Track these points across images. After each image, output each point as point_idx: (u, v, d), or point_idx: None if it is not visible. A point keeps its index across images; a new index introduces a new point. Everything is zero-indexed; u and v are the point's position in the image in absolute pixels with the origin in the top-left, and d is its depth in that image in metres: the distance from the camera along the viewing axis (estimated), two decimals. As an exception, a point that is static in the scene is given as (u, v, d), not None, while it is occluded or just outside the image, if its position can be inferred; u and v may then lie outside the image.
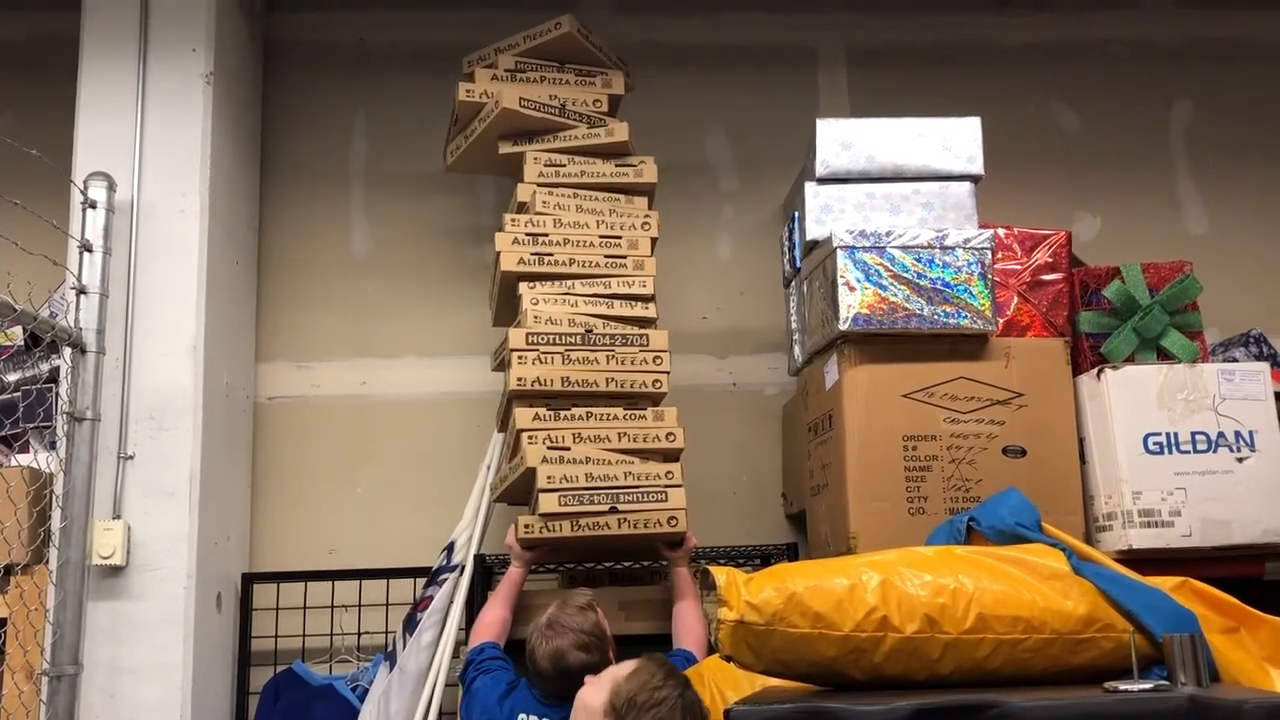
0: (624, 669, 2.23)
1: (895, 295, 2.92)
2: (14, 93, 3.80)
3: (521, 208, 3.25)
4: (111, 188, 3.12)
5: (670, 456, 3.03)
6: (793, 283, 3.44)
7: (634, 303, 3.17)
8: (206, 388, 3.18)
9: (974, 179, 3.14)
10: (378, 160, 3.87)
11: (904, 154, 3.11)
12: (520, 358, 3.02)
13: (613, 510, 2.89)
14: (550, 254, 3.17)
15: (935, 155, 3.12)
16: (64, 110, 3.30)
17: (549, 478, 2.89)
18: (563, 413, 3.00)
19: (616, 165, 3.32)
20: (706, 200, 3.92)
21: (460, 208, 3.85)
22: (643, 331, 3.12)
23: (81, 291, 3.05)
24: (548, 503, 2.87)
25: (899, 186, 3.12)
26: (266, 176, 3.82)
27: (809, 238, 3.14)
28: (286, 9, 3.92)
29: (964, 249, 2.96)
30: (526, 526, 2.89)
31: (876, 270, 2.93)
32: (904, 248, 2.95)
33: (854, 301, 2.91)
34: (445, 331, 3.74)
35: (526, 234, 3.18)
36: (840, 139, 3.13)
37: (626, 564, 3.23)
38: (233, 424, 3.43)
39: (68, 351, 3.00)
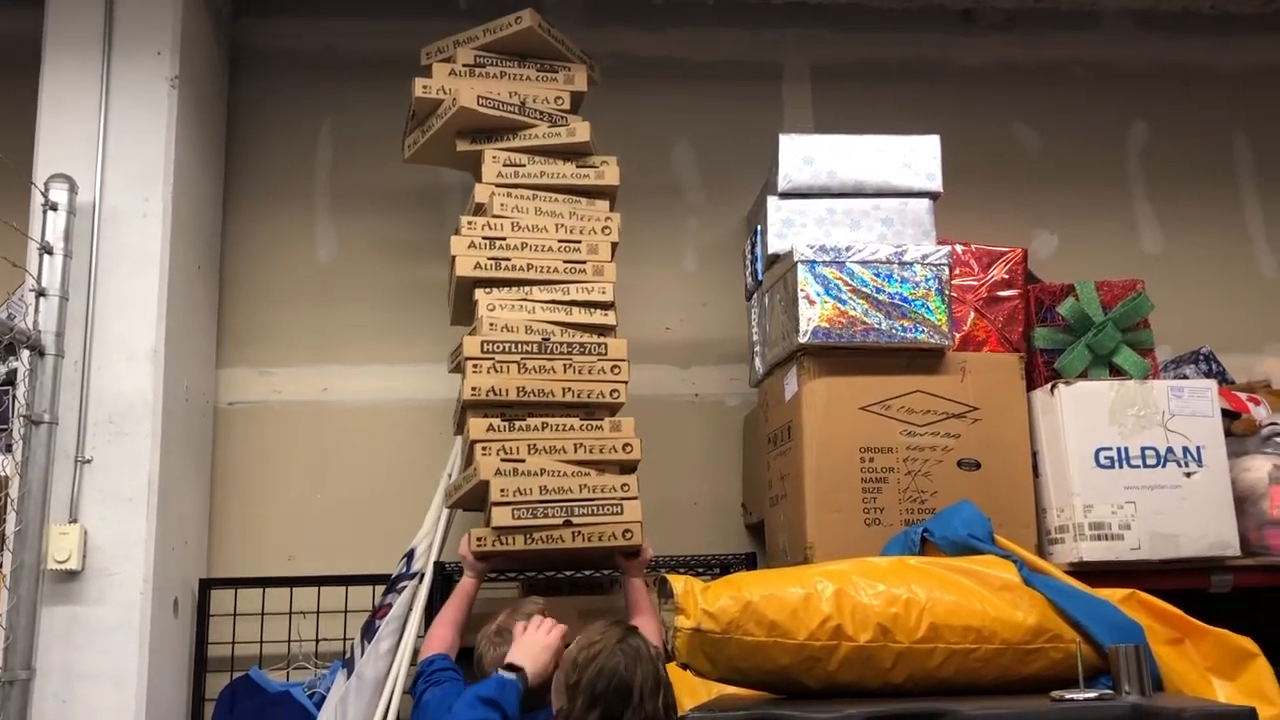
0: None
1: (854, 309, 2.96)
2: (-25, 92, 3.76)
3: (479, 209, 3.20)
4: (73, 190, 3.10)
5: (627, 468, 2.98)
6: (755, 295, 3.48)
7: (593, 309, 3.11)
8: (166, 392, 3.16)
9: (933, 196, 3.19)
10: (343, 167, 3.87)
11: (865, 170, 3.16)
12: (475, 366, 2.97)
13: (567, 524, 2.84)
14: (508, 259, 3.10)
15: (895, 172, 3.17)
16: (25, 111, 3.27)
17: (502, 490, 2.84)
18: (518, 423, 2.94)
19: (577, 166, 3.25)
20: (672, 212, 3.95)
21: (426, 215, 3.85)
22: (601, 340, 3.05)
23: (41, 294, 3.02)
24: (500, 516, 2.83)
25: (859, 202, 3.16)
26: (231, 181, 3.81)
27: (771, 251, 3.18)
28: (254, 14, 3.92)
29: (922, 265, 3.01)
30: (479, 539, 2.86)
31: (836, 284, 2.97)
32: (863, 263, 2.99)
33: (814, 315, 2.95)
34: (408, 339, 3.74)
35: (483, 237, 3.11)
36: (803, 154, 3.18)
37: (587, 572, 3.23)
38: (192, 429, 3.42)
39: (26, 354, 2.98)
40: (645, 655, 2.22)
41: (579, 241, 3.16)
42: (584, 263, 3.14)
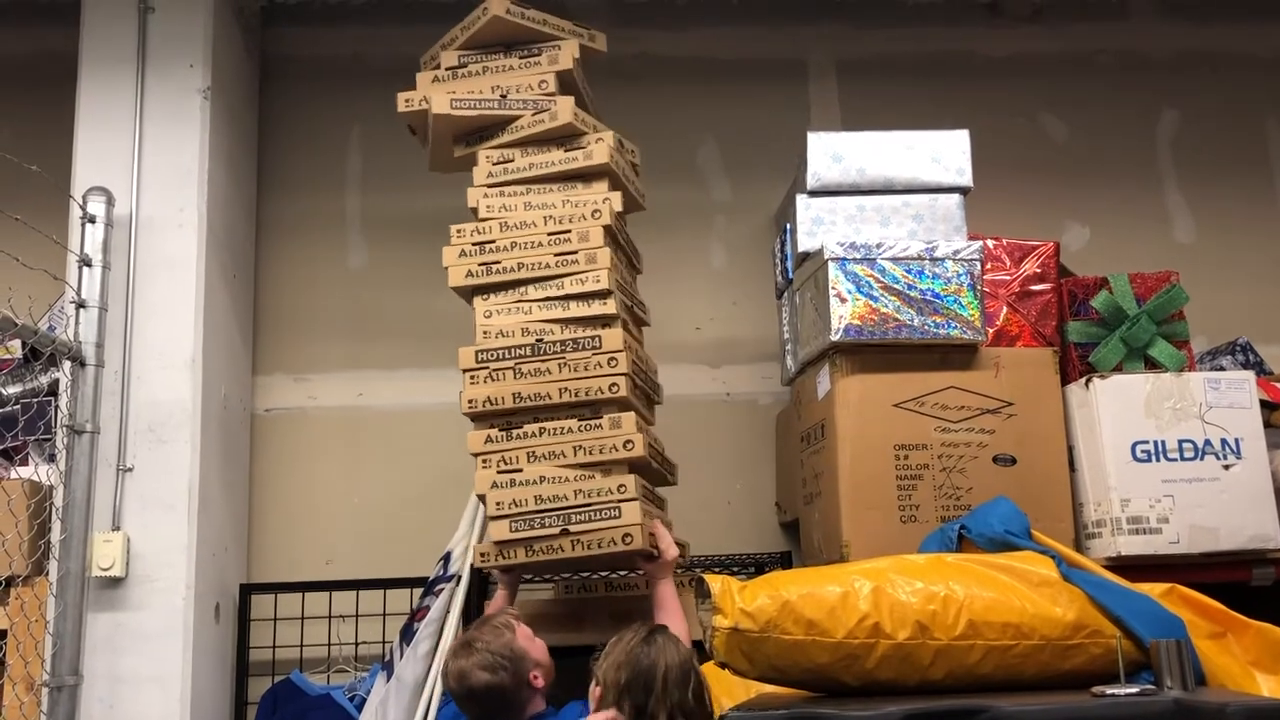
0: None
1: (886, 306, 2.96)
2: (13, 108, 3.82)
3: (475, 215, 3.08)
4: (110, 202, 3.15)
5: (637, 465, 2.81)
6: (785, 293, 3.48)
7: (590, 301, 2.90)
8: (205, 400, 3.21)
9: (963, 191, 3.17)
10: (373, 174, 3.91)
11: (894, 166, 3.15)
12: (472, 378, 2.86)
13: (564, 532, 2.71)
14: (498, 261, 2.95)
15: (925, 167, 3.16)
16: (63, 125, 3.33)
17: (498, 504, 2.75)
18: (515, 431, 2.82)
19: (565, 151, 3.04)
20: (699, 211, 3.96)
21: (457, 219, 3.86)
22: (594, 334, 2.85)
23: (81, 305, 3.07)
24: (499, 530, 2.75)
25: (889, 199, 3.15)
26: (263, 190, 3.85)
27: (801, 249, 3.18)
28: (282, 24, 3.96)
29: (953, 260, 3.00)
30: (482, 554, 2.81)
31: (867, 282, 2.97)
32: (894, 259, 2.99)
33: (845, 312, 2.95)
34: (442, 342, 3.72)
35: (473, 243, 2.97)
36: (831, 151, 3.17)
37: (623, 573, 3.23)
38: (230, 436, 3.46)
39: (67, 365, 3.03)
40: (668, 648, 2.27)
41: (568, 231, 2.95)
42: (575, 252, 2.92)
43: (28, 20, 3.86)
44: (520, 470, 2.79)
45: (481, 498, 2.82)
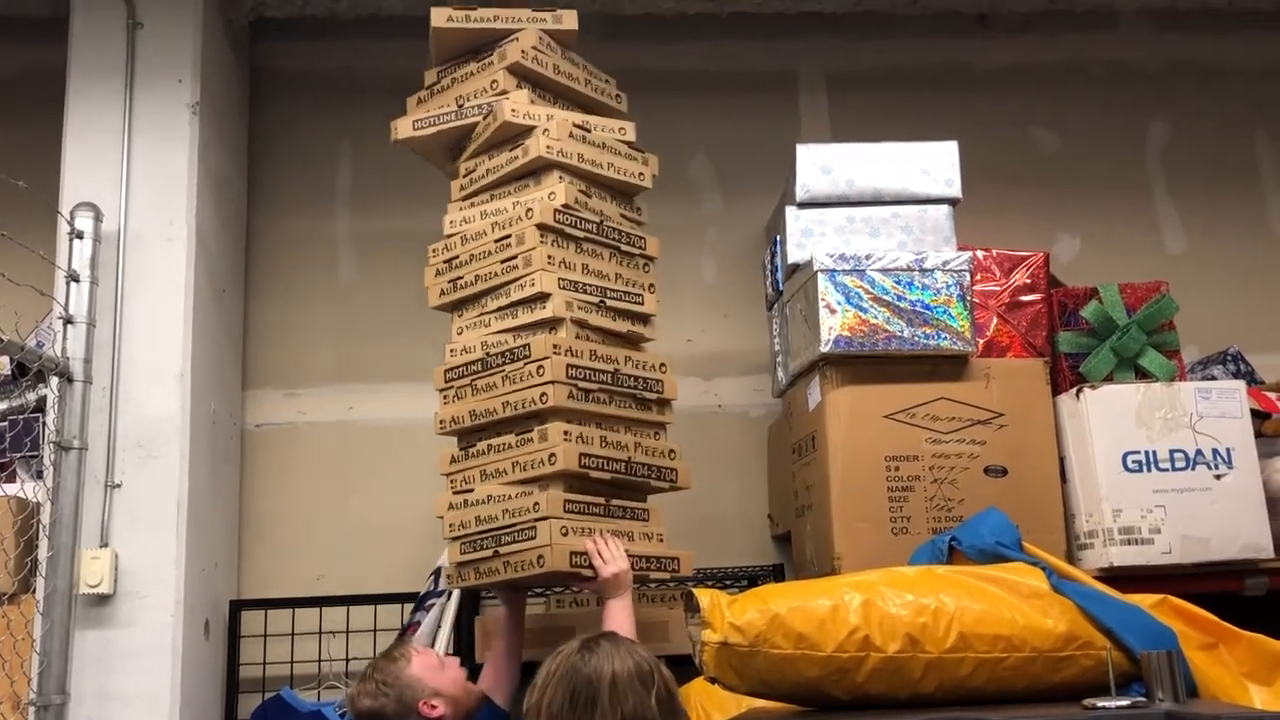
0: None
1: (876, 317, 2.95)
2: (0, 124, 3.82)
3: None
4: (98, 218, 3.14)
5: (574, 479, 2.67)
6: (775, 305, 3.47)
7: (533, 306, 2.78)
8: (194, 415, 3.19)
9: (952, 202, 3.18)
10: (364, 187, 3.90)
11: (883, 178, 3.15)
12: (444, 397, 2.85)
13: (495, 554, 2.64)
14: (461, 277, 2.89)
15: (914, 179, 3.16)
16: (51, 141, 3.32)
17: (451, 526, 2.72)
18: (471, 450, 2.78)
19: (509, 150, 2.92)
20: (690, 223, 3.95)
21: (446, 234, 3.88)
22: (525, 342, 2.73)
23: (69, 321, 3.06)
24: (453, 552, 2.72)
25: (878, 210, 3.15)
26: (253, 204, 3.84)
27: (790, 261, 3.18)
28: (273, 38, 3.96)
29: (943, 271, 3.00)
30: (449, 577, 2.80)
31: (857, 293, 2.96)
32: (884, 270, 2.99)
33: (835, 324, 2.94)
34: (432, 357, 3.72)
35: (443, 261, 2.94)
36: (820, 164, 3.17)
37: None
38: (220, 451, 3.44)
39: (55, 381, 3.02)
40: (616, 653, 2.03)
41: (509, 236, 2.83)
42: (515, 258, 2.80)
43: (16, 36, 3.86)
44: (472, 490, 2.73)
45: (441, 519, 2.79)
